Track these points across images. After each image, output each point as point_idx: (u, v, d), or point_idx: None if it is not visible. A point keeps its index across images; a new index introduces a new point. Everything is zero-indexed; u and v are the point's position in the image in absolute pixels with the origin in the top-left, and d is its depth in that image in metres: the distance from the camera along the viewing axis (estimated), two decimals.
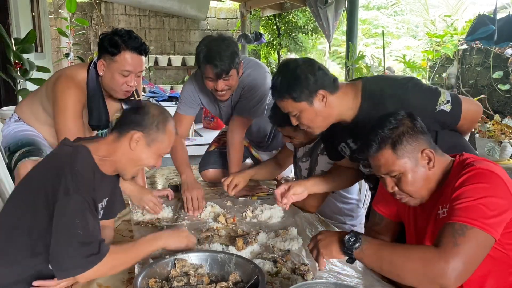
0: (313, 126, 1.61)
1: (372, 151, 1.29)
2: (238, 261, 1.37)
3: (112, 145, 1.41)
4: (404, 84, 1.52)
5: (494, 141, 2.80)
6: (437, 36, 4.72)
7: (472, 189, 1.17)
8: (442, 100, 1.49)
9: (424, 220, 1.36)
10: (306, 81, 1.52)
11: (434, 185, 1.31)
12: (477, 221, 1.12)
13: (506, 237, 1.20)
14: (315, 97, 1.53)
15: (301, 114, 1.57)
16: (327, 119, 1.60)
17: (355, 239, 1.23)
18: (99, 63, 1.97)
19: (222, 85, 2.05)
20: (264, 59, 8.73)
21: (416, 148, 1.27)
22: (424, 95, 1.50)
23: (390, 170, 1.28)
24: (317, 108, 1.55)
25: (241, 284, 1.30)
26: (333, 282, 1.23)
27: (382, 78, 1.63)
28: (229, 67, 1.99)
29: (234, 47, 2.02)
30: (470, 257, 1.11)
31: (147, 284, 1.26)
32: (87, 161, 1.35)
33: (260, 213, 1.99)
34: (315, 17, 5.44)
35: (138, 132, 1.39)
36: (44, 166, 1.39)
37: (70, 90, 1.97)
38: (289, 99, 1.54)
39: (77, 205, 1.24)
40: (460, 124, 1.56)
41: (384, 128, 1.28)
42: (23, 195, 1.36)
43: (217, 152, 2.58)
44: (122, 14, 8.14)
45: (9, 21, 5.28)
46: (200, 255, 1.42)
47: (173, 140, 1.51)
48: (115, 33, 1.94)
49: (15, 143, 2.13)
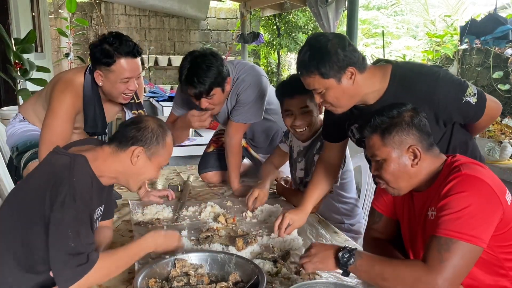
0: (337, 104, 1.54)
1: (365, 133, 1.36)
2: (238, 261, 1.37)
3: (111, 158, 1.41)
4: (435, 72, 1.50)
5: (494, 141, 2.80)
6: (437, 36, 4.73)
7: (457, 199, 1.18)
8: (469, 92, 1.47)
9: (415, 220, 1.39)
10: (336, 56, 1.44)
11: (417, 182, 1.32)
12: (462, 234, 1.14)
13: (496, 240, 1.21)
14: (344, 74, 1.46)
15: (327, 92, 1.50)
16: (352, 98, 1.53)
17: (349, 255, 1.26)
18: (96, 74, 1.95)
19: (205, 104, 2.04)
20: (264, 59, 8.74)
21: (404, 141, 1.29)
22: (454, 84, 1.48)
23: (374, 154, 1.34)
24: (344, 85, 1.48)
25: (241, 284, 1.30)
26: (333, 282, 1.24)
27: (413, 64, 1.60)
28: (209, 88, 1.98)
29: (218, 65, 1.98)
30: (457, 271, 1.14)
31: (147, 284, 1.26)
32: (86, 171, 1.34)
33: (260, 213, 1.99)
34: (315, 17, 5.44)
35: (139, 147, 1.40)
36: (40, 177, 1.37)
37: (65, 95, 1.96)
38: (317, 75, 1.46)
39: (71, 217, 1.24)
40: (480, 119, 1.55)
41: (382, 116, 1.32)
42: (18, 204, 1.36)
43: (216, 153, 2.58)
44: (122, 14, 8.15)
45: (9, 21, 5.29)
46: (200, 255, 1.42)
47: (171, 151, 1.51)
48: (104, 41, 1.89)
49: (24, 143, 2.14)
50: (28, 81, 4.67)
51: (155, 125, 1.45)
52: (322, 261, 1.31)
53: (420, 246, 1.37)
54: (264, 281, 1.23)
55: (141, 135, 1.41)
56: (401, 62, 1.61)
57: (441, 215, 1.19)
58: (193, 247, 1.62)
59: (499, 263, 1.26)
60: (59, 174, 1.29)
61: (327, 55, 1.44)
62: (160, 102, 6.20)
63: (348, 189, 2.20)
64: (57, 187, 1.25)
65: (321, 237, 1.75)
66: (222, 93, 2.07)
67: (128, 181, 1.46)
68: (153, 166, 1.46)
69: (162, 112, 5.89)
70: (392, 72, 1.52)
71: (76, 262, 1.20)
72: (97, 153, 1.40)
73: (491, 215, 1.17)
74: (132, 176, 1.45)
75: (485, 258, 1.24)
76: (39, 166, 1.46)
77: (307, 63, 1.47)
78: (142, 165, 1.42)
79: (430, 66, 1.57)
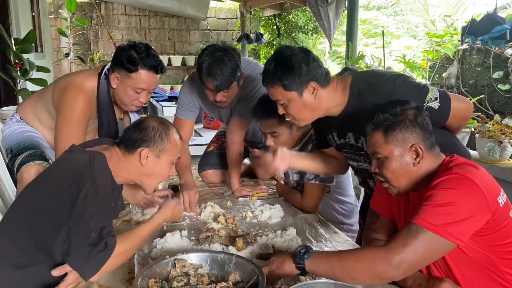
0: (299, 117, 1.59)
1: (368, 130, 1.35)
2: (238, 261, 1.37)
3: (123, 160, 1.44)
4: (392, 80, 1.51)
5: (494, 141, 2.79)
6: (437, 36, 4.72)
7: (441, 194, 1.18)
8: (430, 97, 1.48)
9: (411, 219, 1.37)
10: (299, 70, 1.49)
11: (417, 181, 1.32)
12: (435, 226, 1.14)
13: (486, 240, 1.21)
14: (306, 88, 1.51)
15: (289, 104, 1.55)
16: (314, 111, 1.58)
17: (305, 250, 1.26)
18: (112, 76, 1.96)
19: (221, 97, 2.05)
20: (264, 59, 8.74)
21: (407, 140, 1.29)
22: (412, 91, 1.49)
23: (375, 151, 1.33)
24: (306, 99, 1.53)
25: (241, 284, 1.30)
26: (333, 282, 1.23)
27: (371, 73, 1.60)
28: (230, 82, 1.99)
29: (237, 59, 2.01)
30: (417, 257, 1.15)
31: (147, 284, 1.26)
32: (105, 167, 1.38)
33: (260, 213, 1.99)
34: (315, 17, 5.43)
35: (145, 149, 1.43)
36: (61, 177, 1.38)
37: (77, 102, 1.94)
38: (280, 86, 1.52)
39: (93, 210, 1.26)
40: (450, 122, 1.55)
41: (386, 113, 1.31)
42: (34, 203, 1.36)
43: (216, 152, 2.58)
44: (122, 14, 8.14)
45: (9, 21, 5.29)
46: (200, 255, 1.42)
47: (179, 144, 1.53)
48: (133, 48, 1.91)
49: (18, 145, 2.11)
50: (28, 81, 4.67)
51: (156, 123, 1.47)
52: (279, 264, 1.29)
53: None
54: (264, 281, 1.23)
55: (144, 135, 1.44)
56: (361, 73, 1.61)
57: (423, 205, 1.19)
58: (193, 247, 1.62)
59: (491, 263, 1.25)
60: (80, 172, 1.32)
61: (290, 68, 1.49)
62: (160, 102, 6.19)
63: (347, 190, 2.20)
64: (79, 184, 1.28)
65: (321, 237, 1.74)
66: (237, 86, 2.09)
67: (143, 182, 1.50)
68: (163, 164, 1.48)
69: (162, 112, 5.88)
70: (351, 85, 1.56)
71: (97, 250, 1.22)
72: (111, 152, 1.44)
73: (473, 216, 1.16)
74: (146, 177, 1.48)
75: (475, 258, 1.24)
76: (56, 166, 1.46)
77: (271, 74, 1.53)
78: (153, 165, 1.46)
79: (388, 76, 1.55)
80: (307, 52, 1.55)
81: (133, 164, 1.44)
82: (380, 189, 1.48)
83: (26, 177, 1.91)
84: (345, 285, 1.23)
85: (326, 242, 1.70)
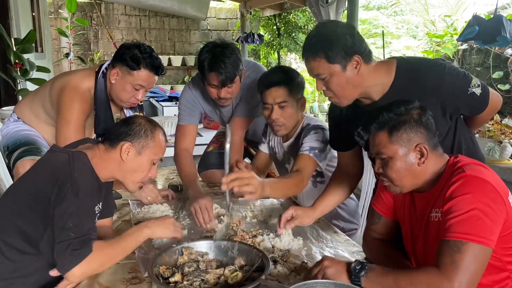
0: (341, 94, 1.49)
1: (372, 130, 1.33)
2: (241, 247, 1.43)
3: (106, 155, 1.44)
4: (441, 64, 1.49)
5: (494, 141, 2.80)
6: (437, 36, 4.72)
7: (462, 201, 1.17)
8: (474, 83, 1.47)
9: (417, 221, 1.37)
10: (344, 42, 1.41)
11: (422, 181, 1.31)
12: (470, 235, 1.13)
13: (499, 241, 1.20)
14: (350, 61, 1.43)
15: (331, 79, 1.45)
16: (356, 88, 1.49)
17: (361, 266, 1.23)
18: (112, 71, 2.01)
19: (225, 93, 2.05)
20: (264, 59, 8.73)
21: (412, 140, 1.27)
22: (460, 76, 1.48)
23: (380, 151, 1.31)
24: (349, 74, 1.44)
25: (247, 267, 1.35)
26: (333, 282, 1.23)
27: (418, 57, 1.60)
28: (234, 75, 1.99)
29: (237, 53, 2.01)
30: (471, 272, 1.12)
31: (159, 271, 1.30)
32: (86, 165, 1.38)
33: (260, 213, 1.99)
34: (315, 17, 5.43)
35: (127, 143, 1.43)
36: (39, 174, 1.40)
37: (74, 102, 2.01)
38: (323, 59, 1.42)
39: (73, 209, 1.26)
40: (484, 111, 1.55)
41: (390, 112, 1.30)
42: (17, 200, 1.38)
43: (215, 153, 2.58)
44: (122, 14, 8.13)
45: (9, 21, 5.28)
46: (204, 243, 1.49)
47: (164, 147, 1.52)
48: (137, 47, 1.98)
49: (14, 142, 2.14)
50: (28, 81, 4.67)
51: (143, 120, 1.49)
52: (335, 274, 1.27)
53: (421, 247, 1.36)
54: (269, 264, 1.27)
55: (130, 129, 1.45)
56: (406, 56, 1.59)
57: (448, 219, 1.17)
58: None
59: (502, 265, 1.25)
60: (59, 171, 1.32)
61: (336, 39, 1.42)
62: (160, 102, 6.19)
63: None
64: (59, 184, 1.28)
65: (321, 238, 1.74)
66: (240, 82, 2.09)
67: (124, 179, 1.49)
68: (143, 161, 1.47)
69: (162, 112, 5.88)
70: (397, 66, 1.51)
71: (73, 248, 1.22)
72: (94, 151, 1.44)
73: (497, 216, 1.16)
74: (126, 173, 1.47)
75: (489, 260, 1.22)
76: (38, 167, 1.47)
77: (314, 46, 1.45)
78: (133, 160, 1.45)
79: (435, 59, 1.56)
80: (351, 26, 1.50)
81: (115, 159, 1.44)
82: (382, 190, 1.47)
83: (21, 172, 1.92)
84: (345, 285, 1.23)
85: (327, 242, 1.70)
